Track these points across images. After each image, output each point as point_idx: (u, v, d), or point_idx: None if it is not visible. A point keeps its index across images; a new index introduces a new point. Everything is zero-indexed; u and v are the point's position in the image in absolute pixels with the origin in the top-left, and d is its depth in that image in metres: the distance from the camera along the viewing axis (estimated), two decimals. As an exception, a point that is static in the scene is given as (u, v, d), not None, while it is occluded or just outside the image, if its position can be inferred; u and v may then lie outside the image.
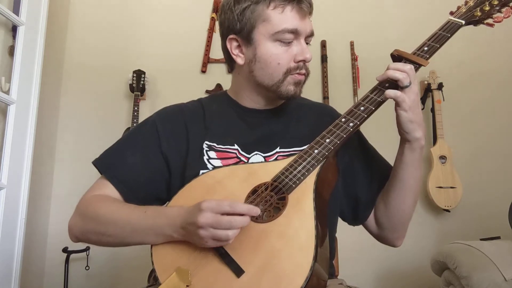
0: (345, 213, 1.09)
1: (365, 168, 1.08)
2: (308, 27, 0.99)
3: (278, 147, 1.02)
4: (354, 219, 1.09)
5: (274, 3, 0.95)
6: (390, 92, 0.87)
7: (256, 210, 0.78)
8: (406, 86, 0.87)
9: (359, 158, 1.08)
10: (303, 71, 0.99)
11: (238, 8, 0.97)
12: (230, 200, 0.78)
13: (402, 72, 0.87)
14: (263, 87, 1.01)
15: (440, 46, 0.96)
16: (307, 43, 1.00)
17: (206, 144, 1.02)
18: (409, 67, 0.88)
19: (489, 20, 1.01)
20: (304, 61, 0.98)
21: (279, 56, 0.97)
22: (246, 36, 0.98)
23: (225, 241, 0.77)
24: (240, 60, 1.01)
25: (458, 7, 1.03)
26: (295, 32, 0.96)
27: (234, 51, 1.02)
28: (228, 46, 1.02)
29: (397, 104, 0.88)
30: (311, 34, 1.00)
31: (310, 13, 0.99)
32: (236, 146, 1.01)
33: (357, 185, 1.06)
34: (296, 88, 1.00)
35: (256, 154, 1.01)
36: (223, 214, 0.76)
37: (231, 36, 1.00)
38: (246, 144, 1.02)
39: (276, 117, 1.07)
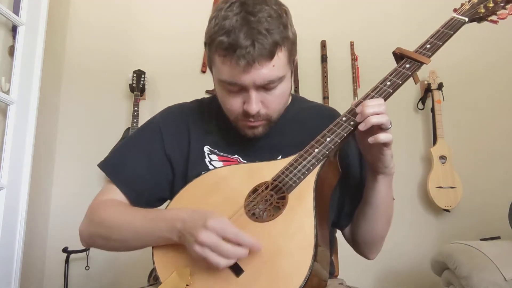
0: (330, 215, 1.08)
1: (355, 178, 1.07)
2: (257, 78, 0.85)
3: (280, 157, 0.99)
4: (336, 224, 1.09)
5: (218, 52, 0.86)
6: (383, 137, 0.84)
7: (258, 246, 0.76)
8: (389, 128, 0.85)
9: (354, 167, 1.08)
10: (252, 119, 0.92)
11: (205, 38, 0.92)
12: (237, 229, 0.76)
13: (383, 114, 0.84)
14: None
15: (443, 43, 0.95)
16: (269, 89, 0.89)
17: (208, 148, 1.02)
18: (384, 107, 0.84)
19: (493, 17, 1.00)
20: (248, 112, 0.89)
21: (227, 101, 0.93)
22: (210, 68, 0.96)
23: (214, 267, 0.75)
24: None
25: (462, 4, 1.02)
26: (236, 85, 0.88)
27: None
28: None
29: (385, 145, 0.86)
30: (267, 83, 0.87)
31: (261, 61, 0.84)
32: (236, 156, 1.02)
33: (345, 193, 1.06)
34: (253, 130, 0.95)
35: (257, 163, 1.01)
36: (225, 239, 0.75)
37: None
38: (246, 154, 1.02)
39: (275, 126, 1.03)
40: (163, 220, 0.86)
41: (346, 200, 1.06)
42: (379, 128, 0.84)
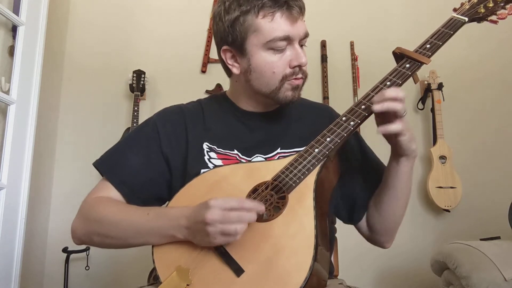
0: (340, 212, 1.09)
1: (361, 169, 1.08)
2: (301, 30, 0.96)
3: (279, 148, 1.02)
4: (349, 219, 1.10)
5: (263, 12, 0.93)
6: (394, 127, 0.85)
7: (262, 208, 0.78)
8: (404, 115, 0.86)
9: (356, 158, 1.09)
10: (300, 75, 0.98)
11: (228, 19, 0.96)
12: (236, 197, 0.79)
13: (397, 102, 0.84)
14: (261, 95, 1.01)
15: (443, 43, 0.95)
16: (302, 45, 0.98)
17: (207, 145, 1.02)
18: (402, 95, 0.85)
19: (493, 17, 1.00)
20: (299, 66, 0.97)
21: (274, 65, 0.95)
22: (239, 47, 0.97)
23: (234, 236, 0.77)
24: (235, 70, 1.01)
25: (462, 4, 1.02)
26: (287, 39, 0.94)
27: (229, 61, 1.01)
28: (223, 56, 1.02)
29: (397, 135, 0.87)
30: (305, 36, 0.98)
31: (303, 14, 0.96)
32: (235, 151, 1.02)
33: (354, 186, 1.06)
34: (294, 92, 0.99)
35: (257, 156, 1.01)
36: (230, 210, 0.77)
37: (224, 47, 1.00)
38: (246, 148, 1.02)
39: (275, 119, 1.07)
40: (166, 218, 0.86)
41: (356, 192, 1.06)
42: (393, 115, 0.85)
